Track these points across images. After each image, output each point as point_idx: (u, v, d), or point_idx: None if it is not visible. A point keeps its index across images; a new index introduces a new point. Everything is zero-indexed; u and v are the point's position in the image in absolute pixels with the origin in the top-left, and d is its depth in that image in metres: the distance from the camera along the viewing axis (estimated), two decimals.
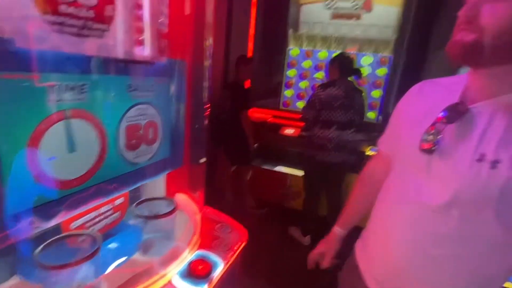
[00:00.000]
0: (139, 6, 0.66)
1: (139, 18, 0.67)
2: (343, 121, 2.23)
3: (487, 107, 0.57)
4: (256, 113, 3.13)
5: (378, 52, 3.28)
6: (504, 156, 0.53)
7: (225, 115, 2.56)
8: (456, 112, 0.59)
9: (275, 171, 2.87)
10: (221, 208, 1.14)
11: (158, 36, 0.74)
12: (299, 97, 3.61)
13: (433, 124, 0.61)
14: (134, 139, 0.81)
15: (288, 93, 3.63)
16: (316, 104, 2.26)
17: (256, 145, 2.93)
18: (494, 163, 0.53)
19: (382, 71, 3.26)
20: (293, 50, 3.50)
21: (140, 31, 0.67)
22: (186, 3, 0.84)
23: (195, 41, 0.93)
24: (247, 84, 2.96)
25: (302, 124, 3.03)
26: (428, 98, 0.69)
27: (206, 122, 1.01)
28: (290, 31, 3.46)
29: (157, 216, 0.87)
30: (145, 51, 0.71)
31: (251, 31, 2.65)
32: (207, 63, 0.95)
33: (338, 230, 0.98)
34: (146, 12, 0.68)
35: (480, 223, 0.56)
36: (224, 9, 2.31)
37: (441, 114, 0.61)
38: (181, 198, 1.07)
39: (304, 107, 2.36)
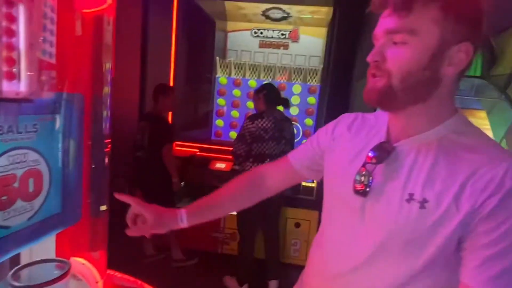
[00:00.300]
0: (11, 32, 0.60)
1: (10, 47, 0.60)
2: (276, 153, 2.33)
3: (410, 144, 0.62)
4: (182, 147, 3.06)
5: (306, 81, 3.61)
6: (430, 195, 0.57)
7: (142, 152, 2.43)
8: (384, 151, 0.63)
9: None
10: (140, 268, 1.04)
11: (39, 67, 0.67)
12: (231, 126, 3.68)
13: (364, 165, 0.65)
14: (4, 195, 0.70)
15: (219, 122, 3.68)
16: (246, 137, 2.32)
17: (182, 183, 2.83)
18: (423, 203, 0.57)
19: (312, 100, 3.58)
20: (221, 79, 3.62)
21: (12, 62, 0.61)
22: (77, 26, 0.80)
23: (91, 69, 0.88)
24: (169, 115, 2.91)
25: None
26: (358, 134, 0.73)
27: (106, 160, 0.94)
28: (217, 59, 3.60)
29: (41, 285, 0.74)
30: (20, 86, 0.64)
31: (172, 58, 2.66)
32: (107, 91, 0.90)
33: (182, 212, 0.86)
34: (21, 40, 0.62)
35: (409, 264, 0.60)
36: (138, 35, 2.28)
37: (370, 154, 0.65)
38: (77, 262, 0.94)
39: (234, 142, 2.39)
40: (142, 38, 2.32)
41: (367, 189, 0.64)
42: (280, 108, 2.50)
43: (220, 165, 2.96)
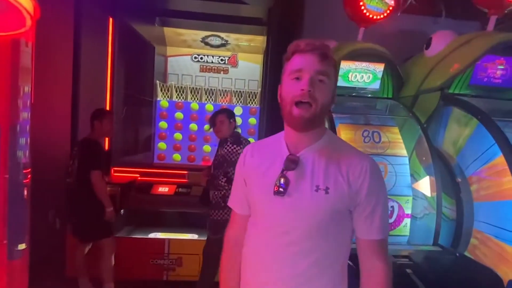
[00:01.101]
0: None
1: None
2: None
3: (308, 153, 0.85)
4: (121, 173, 2.89)
5: (247, 104, 3.72)
6: (330, 184, 0.81)
7: (72, 179, 2.23)
8: (291, 162, 0.84)
9: (149, 239, 2.63)
10: None
11: None
12: (175, 149, 3.59)
13: (281, 173, 0.84)
14: None
15: (161, 145, 3.57)
16: (231, 163, 2.22)
17: (122, 211, 2.65)
18: (326, 190, 0.81)
19: (252, 121, 3.69)
20: (163, 102, 3.54)
21: None
22: None
23: (8, 94, 0.82)
24: (106, 141, 2.74)
25: (178, 180, 2.98)
26: (261, 156, 0.92)
27: (26, 193, 0.85)
28: (158, 83, 3.53)
29: None
30: None
31: (108, 82, 2.55)
32: (25, 116, 0.84)
33: None
34: None
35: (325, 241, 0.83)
36: (70, 59, 2.15)
37: (284, 166, 0.84)
38: None
39: (224, 168, 2.23)
40: (74, 62, 2.18)
41: (283, 190, 0.82)
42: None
43: (163, 189, 2.85)
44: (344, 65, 2.34)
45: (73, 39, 2.17)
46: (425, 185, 2.06)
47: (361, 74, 2.40)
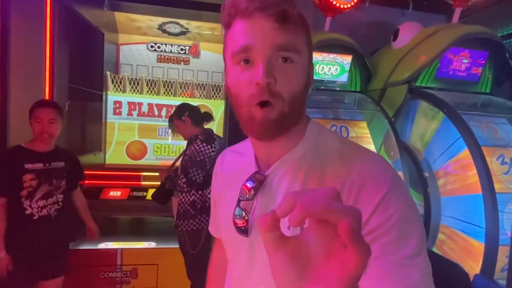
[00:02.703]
0: None
1: None
2: None
3: (280, 167, 0.60)
4: None
5: (211, 97, 3.62)
6: None
7: None
8: (256, 182, 0.60)
9: (98, 250, 2.46)
10: None
11: None
12: (129, 148, 3.41)
13: (237, 201, 0.61)
14: None
15: (112, 145, 3.37)
16: (206, 163, 2.08)
17: None
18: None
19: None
20: (114, 95, 3.34)
21: None
22: None
23: None
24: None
25: (131, 182, 2.83)
26: (231, 169, 0.71)
27: None
28: (108, 74, 3.32)
29: None
30: None
31: (47, 74, 2.33)
32: None
33: None
34: None
35: None
36: None
37: (248, 184, 0.61)
38: None
39: (187, 169, 2.07)
40: (1, 50, 1.96)
41: (247, 225, 0.59)
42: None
43: (115, 193, 2.68)
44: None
45: (0, 23, 1.95)
46: None
47: (328, 66, 2.41)
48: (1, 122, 2.03)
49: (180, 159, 2.27)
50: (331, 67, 2.42)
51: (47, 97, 2.44)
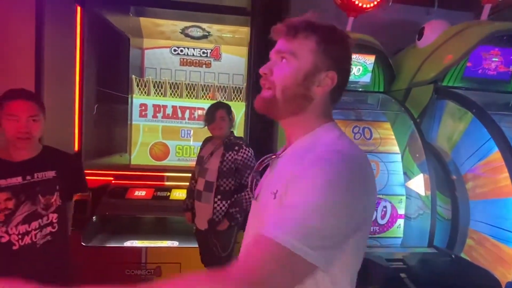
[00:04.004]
0: None
1: None
2: None
3: (287, 151, 0.79)
4: (93, 176, 2.78)
5: (231, 99, 3.65)
6: (278, 186, 0.70)
7: None
8: (263, 163, 0.85)
9: (124, 247, 2.54)
10: None
11: None
12: (153, 149, 3.50)
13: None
14: None
15: (140, 147, 3.47)
16: (250, 168, 2.06)
17: (94, 217, 2.55)
18: (275, 194, 0.70)
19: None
20: (139, 98, 3.45)
21: None
22: None
23: None
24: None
25: (156, 182, 2.90)
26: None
27: None
28: (133, 78, 3.43)
29: None
30: None
31: (77, 78, 2.44)
32: None
33: None
34: None
35: None
36: (32, 52, 2.04)
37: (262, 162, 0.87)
38: None
39: (246, 174, 2.07)
40: (36, 57, 2.07)
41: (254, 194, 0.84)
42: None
43: (140, 193, 2.76)
44: None
45: (35, 31, 2.06)
46: (418, 184, 2.05)
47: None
48: None
49: (220, 162, 2.11)
50: (353, 67, 2.39)
51: (77, 100, 2.55)
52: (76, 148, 2.64)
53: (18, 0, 2.00)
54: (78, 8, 2.40)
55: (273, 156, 0.82)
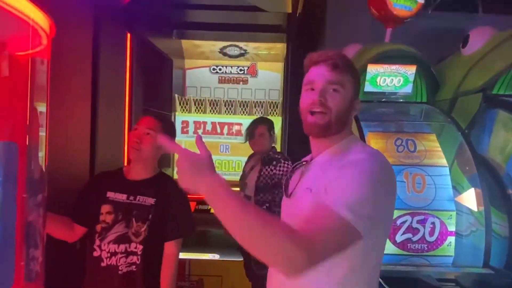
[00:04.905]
0: None
1: None
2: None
3: (319, 157, 0.93)
4: None
5: (268, 114, 3.70)
6: (313, 184, 0.86)
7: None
8: (299, 167, 1.00)
9: None
10: None
11: None
12: None
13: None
14: None
15: None
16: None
17: None
18: (311, 189, 0.86)
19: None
20: (181, 115, 3.61)
21: None
22: (4, 67, 0.76)
23: (24, 112, 0.83)
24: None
25: (197, 196, 2.98)
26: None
27: (41, 212, 0.86)
28: (176, 96, 3.61)
29: None
30: None
31: (127, 99, 2.63)
32: (42, 136, 0.85)
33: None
34: None
35: None
36: (88, 76, 2.23)
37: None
38: None
39: (262, 191, 2.07)
40: (92, 80, 2.26)
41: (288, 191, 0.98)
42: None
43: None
44: (372, 69, 2.27)
45: (91, 56, 2.26)
46: (470, 198, 1.92)
47: (390, 78, 2.32)
48: (91, 147, 2.29)
49: (257, 177, 2.12)
50: (393, 78, 2.33)
51: (126, 120, 2.73)
52: (125, 163, 2.81)
53: (77, 30, 2.20)
54: (128, 35, 2.60)
55: (304, 162, 0.99)
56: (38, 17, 0.89)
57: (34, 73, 0.90)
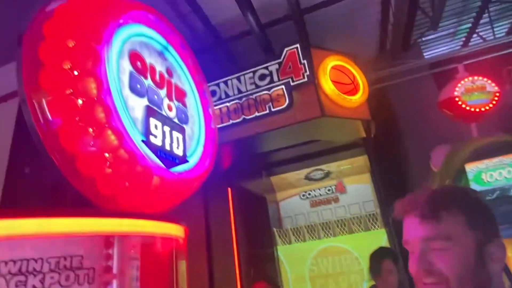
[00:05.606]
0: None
1: None
2: None
3: None
4: None
5: (369, 228, 3.48)
6: None
7: None
8: None
9: None
10: None
11: None
12: None
13: None
14: None
15: None
16: None
17: None
18: None
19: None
20: (282, 248, 3.64)
21: None
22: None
23: None
24: None
25: None
26: None
27: None
28: (275, 230, 3.74)
29: None
30: None
31: (235, 247, 2.84)
32: None
33: None
34: None
35: None
36: (202, 228, 2.57)
37: None
38: None
39: None
40: (206, 239, 2.58)
41: None
42: None
43: None
44: (471, 168, 2.13)
45: (204, 217, 2.64)
46: None
47: (497, 171, 2.11)
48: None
49: None
50: (501, 171, 2.11)
51: (236, 263, 2.88)
52: None
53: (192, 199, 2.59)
54: (229, 190, 3.01)
55: None
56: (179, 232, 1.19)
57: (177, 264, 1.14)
